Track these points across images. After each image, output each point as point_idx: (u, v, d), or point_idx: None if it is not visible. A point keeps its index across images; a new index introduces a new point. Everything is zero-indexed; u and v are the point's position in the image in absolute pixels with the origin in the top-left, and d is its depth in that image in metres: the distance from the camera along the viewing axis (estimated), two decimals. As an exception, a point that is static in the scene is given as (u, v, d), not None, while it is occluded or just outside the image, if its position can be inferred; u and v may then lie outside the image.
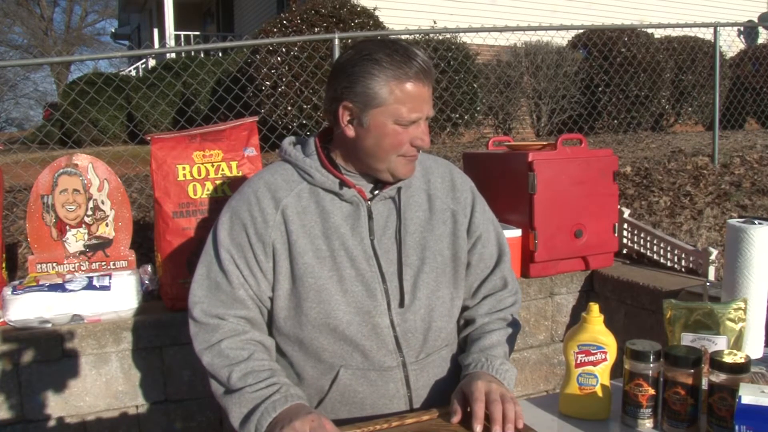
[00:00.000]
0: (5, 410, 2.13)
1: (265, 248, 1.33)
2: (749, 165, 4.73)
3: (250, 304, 1.35)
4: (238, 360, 1.28)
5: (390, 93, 1.26)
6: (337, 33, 3.60)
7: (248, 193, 1.36)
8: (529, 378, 2.86)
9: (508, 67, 7.19)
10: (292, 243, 1.32)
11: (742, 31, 10.57)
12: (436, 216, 1.43)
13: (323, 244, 1.32)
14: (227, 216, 1.37)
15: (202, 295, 1.34)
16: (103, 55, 16.73)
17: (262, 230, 1.33)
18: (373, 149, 1.31)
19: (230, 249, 1.33)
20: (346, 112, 1.31)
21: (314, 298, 1.31)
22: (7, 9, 22.38)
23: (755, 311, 1.40)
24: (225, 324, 1.32)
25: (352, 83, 1.28)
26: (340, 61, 1.34)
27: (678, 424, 1.13)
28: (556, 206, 2.66)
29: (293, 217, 1.33)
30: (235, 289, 1.32)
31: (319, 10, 6.57)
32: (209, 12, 16.36)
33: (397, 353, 1.34)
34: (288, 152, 1.40)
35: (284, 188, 1.35)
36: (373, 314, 1.32)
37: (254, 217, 1.33)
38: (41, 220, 2.46)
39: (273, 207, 1.33)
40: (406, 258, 1.36)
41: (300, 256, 1.31)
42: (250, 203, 1.35)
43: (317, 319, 1.31)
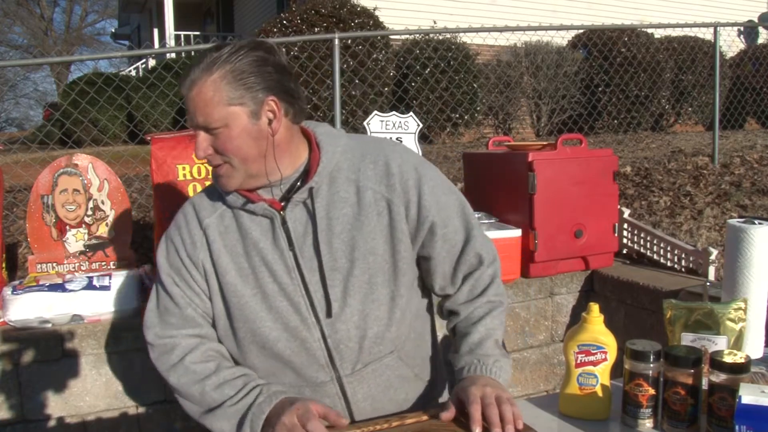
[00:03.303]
0: (5, 410, 2.13)
1: (197, 268, 1.32)
2: (749, 165, 4.73)
3: (202, 321, 1.34)
4: (206, 374, 1.27)
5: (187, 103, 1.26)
6: (337, 33, 3.60)
7: (179, 217, 1.38)
8: (529, 378, 2.86)
9: (508, 67, 7.19)
10: (215, 262, 1.31)
11: (742, 31, 10.57)
12: (366, 209, 1.28)
13: (245, 262, 1.30)
14: (162, 242, 1.38)
15: (154, 320, 1.35)
16: (103, 55, 16.72)
17: (191, 251, 1.33)
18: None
19: (170, 272, 1.34)
20: None
21: (239, 316, 1.29)
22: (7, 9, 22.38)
23: (755, 311, 1.40)
24: (180, 341, 1.31)
25: None
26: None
27: (678, 424, 1.13)
28: (556, 206, 2.66)
29: (215, 237, 1.32)
30: (182, 309, 1.32)
31: (319, 10, 6.57)
32: (209, 12, 16.36)
33: (330, 367, 1.28)
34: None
35: (209, 209, 1.34)
36: (300, 329, 1.26)
37: (184, 239, 1.34)
38: (41, 220, 2.46)
39: (198, 228, 1.33)
40: (332, 263, 1.26)
41: (223, 276, 1.30)
42: (180, 226, 1.36)
43: (245, 338, 1.30)
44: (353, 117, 5.84)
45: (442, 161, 5.43)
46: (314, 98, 5.61)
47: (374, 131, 2.89)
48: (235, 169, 1.25)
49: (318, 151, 1.30)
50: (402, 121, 2.93)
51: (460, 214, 1.36)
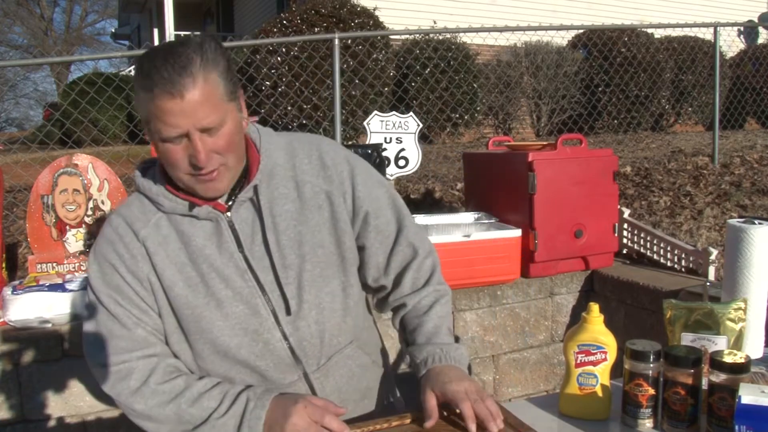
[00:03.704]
0: (5, 410, 2.13)
1: (142, 283, 1.23)
2: (749, 165, 4.73)
3: (154, 340, 1.24)
4: (177, 391, 1.19)
5: (147, 109, 1.13)
6: (337, 33, 3.60)
7: (108, 232, 1.25)
8: (529, 378, 2.86)
9: (508, 67, 7.19)
10: (160, 276, 1.22)
11: (742, 31, 10.56)
12: (308, 203, 1.28)
13: (192, 270, 1.22)
14: (94, 262, 1.25)
15: (99, 347, 1.22)
16: (103, 55, 16.72)
17: (132, 266, 1.22)
18: (165, 167, 1.21)
19: (109, 293, 1.22)
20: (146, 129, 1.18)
21: (195, 329, 1.23)
22: (7, 9, 22.36)
23: (755, 311, 1.40)
24: (136, 365, 1.20)
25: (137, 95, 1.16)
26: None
27: (678, 424, 1.13)
28: (556, 206, 2.66)
29: (155, 249, 1.23)
30: (131, 329, 1.21)
31: (319, 10, 6.57)
32: (209, 12, 16.36)
33: (295, 366, 1.27)
34: (138, 183, 1.27)
35: (141, 219, 1.24)
36: (261, 331, 1.23)
37: (121, 254, 1.23)
38: (41, 220, 2.46)
39: (135, 240, 1.23)
40: (282, 260, 1.25)
41: (171, 289, 1.22)
42: (112, 241, 1.24)
43: (204, 349, 1.24)
44: (353, 117, 5.84)
45: (442, 161, 5.43)
46: (314, 98, 5.61)
47: (374, 131, 2.89)
48: (228, 170, 1.20)
49: (255, 149, 1.28)
50: (402, 121, 2.93)
51: (391, 206, 1.37)
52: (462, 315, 2.70)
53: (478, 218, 2.72)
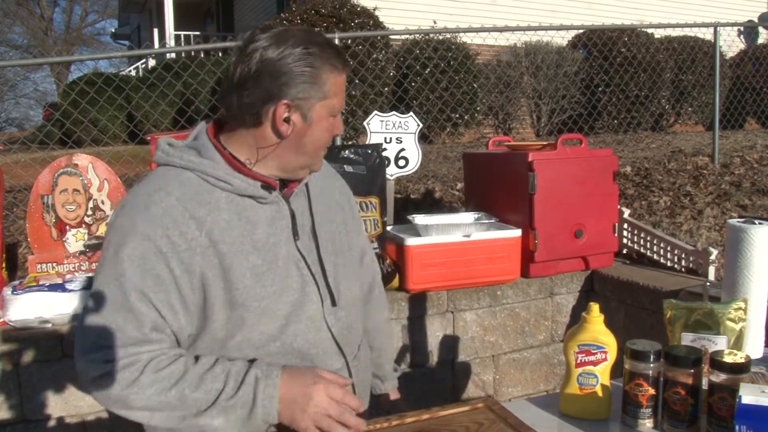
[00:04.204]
0: (5, 410, 2.13)
1: (192, 279, 1.13)
2: (749, 165, 4.73)
3: (167, 341, 1.15)
4: (178, 375, 1.10)
5: (330, 86, 1.19)
6: (337, 33, 3.60)
7: (156, 212, 1.12)
8: (529, 378, 2.86)
9: (508, 67, 7.19)
10: (226, 267, 1.14)
11: (742, 31, 10.57)
12: (331, 204, 1.37)
13: (257, 259, 1.17)
14: (134, 243, 1.11)
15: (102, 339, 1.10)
16: (103, 55, 16.72)
17: (187, 258, 1.12)
18: (312, 145, 1.22)
19: (141, 284, 1.10)
20: (284, 111, 1.17)
21: (257, 321, 1.17)
22: (7, 9, 22.37)
23: (755, 311, 1.40)
24: (140, 357, 1.10)
25: (293, 79, 1.15)
26: (268, 57, 1.15)
27: (678, 424, 1.13)
28: (556, 206, 2.66)
29: (221, 236, 1.15)
30: (144, 334, 1.11)
31: (319, 10, 6.58)
32: (209, 12, 16.36)
33: (338, 354, 1.29)
34: (183, 157, 1.19)
35: (201, 203, 1.15)
36: (315, 319, 1.24)
37: (175, 243, 1.11)
38: (41, 220, 2.46)
39: (195, 228, 1.13)
40: (326, 253, 1.29)
41: (239, 281, 1.15)
42: (166, 226, 1.12)
43: (260, 339, 1.19)
44: (353, 117, 5.84)
45: (442, 161, 5.43)
46: (314, 98, 5.60)
47: (374, 131, 2.89)
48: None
49: None
50: (402, 121, 2.93)
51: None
52: (462, 315, 2.70)
53: (478, 218, 2.72)
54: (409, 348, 2.62)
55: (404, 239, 2.51)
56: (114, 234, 1.14)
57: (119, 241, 1.12)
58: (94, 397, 1.12)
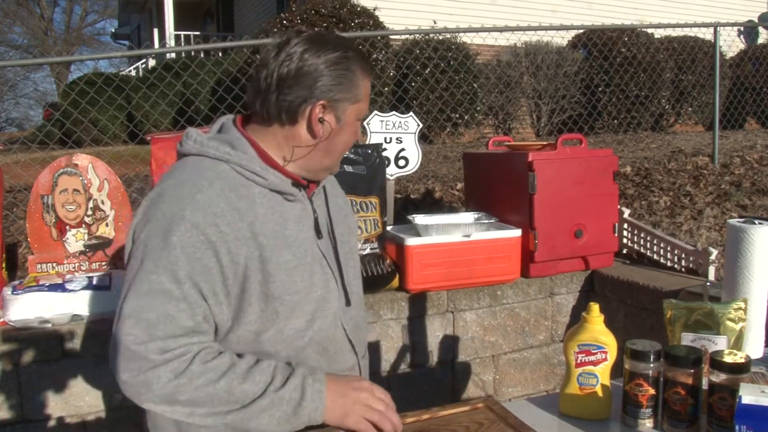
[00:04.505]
0: (5, 410, 2.13)
1: (236, 270, 1.14)
2: (749, 165, 4.73)
3: (212, 333, 1.16)
4: (225, 368, 1.10)
5: (363, 90, 1.25)
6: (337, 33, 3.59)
7: (205, 201, 1.12)
8: (529, 378, 2.86)
9: (508, 67, 7.19)
10: (265, 259, 1.16)
11: (742, 31, 10.56)
12: (338, 207, 1.41)
13: (289, 254, 1.20)
14: (183, 229, 1.09)
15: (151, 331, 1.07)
16: (103, 55, 16.72)
17: (235, 248, 1.13)
18: (341, 146, 1.27)
19: (193, 274, 1.09)
20: (319, 110, 1.20)
21: (289, 315, 1.19)
22: (7, 9, 22.36)
23: (755, 311, 1.40)
24: (189, 349, 1.09)
25: (332, 80, 1.19)
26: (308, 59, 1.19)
27: (678, 424, 1.13)
28: (556, 206, 2.66)
29: (260, 229, 1.16)
30: (195, 319, 1.11)
31: (319, 10, 6.58)
32: (209, 12, 16.35)
33: (352, 352, 1.33)
34: (219, 149, 1.19)
35: (240, 195, 1.16)
36: (336, 316, 1.28)
37: (224, 232, 1.12)
38: (41, 220, 2.46)
39: (238, 219, 1.14)
40: (342, 255, 1.34)
41: (276, 273, 1.17)
42: (215, 214, 1.11)
43: (290, 335, 1.21)
44: (353, 117, 5.83)
45: (442, 161, 5.43)
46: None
47: (374, 131, 2.89)
48: None
49: None
50: (402, 121, 2.93)
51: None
52: (462, 315, 2.70)
53: (478, 218, 2.72)
54: (409, 348, 2.62)
55: (404, 239, 2.51)
56: (157, 222, 1.11)
57: (166, 229, 1.09)
58: (132, 392, 1.08)
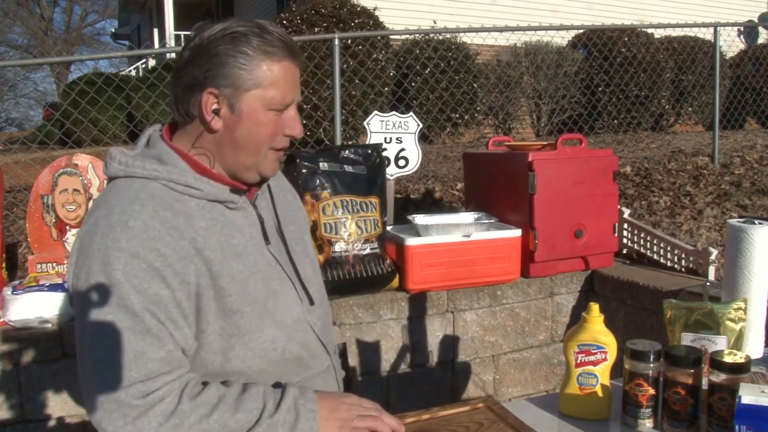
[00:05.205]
0: (5, 410, 2.13)
1: (189, 290, 1.06)
2: (749, 165, 4.73)
3: (183, 361, 1.08)
4: (215, 400, 1.04)
5: (263, 74, 1.09)
6: (337, 33, 3.60)
7: (140, 227, 1.03)
8: (529, 378, 2.86)
9: (508, 67, 7.19)
10: (215, 274, 1.09)
11: (742, 31, 10.56)
12: (287, 203, 1.33)
13: (239, 264, 1.12)
14: (122, 262, 1.01)
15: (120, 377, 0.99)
16: (103, 55, 16.73)
17: (181, 269, 1.05)
18: (247, 141, 1.11)
19: (147, 304, 1.02)
20: (212, 100, 1.09)
21: (255, 327, 1.13)
22: (7, 9, 22.37)
23: (755, 311, 1.40)
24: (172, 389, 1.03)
25: (220, 65, 1.07)
26: (197, 43, 1.10)
27: (678, 424, 1.13)
28: (556, 206, 2.66)
29: (204, 243, 1.08)
30: (169, 350, 1.04)
31: (319, 10, 6.57)
32: (209, 12, 16.36)
33: (325, 353, 1.28)
34: (146, 167, 1.10)
35: (176, 212, 1.08)
36: (301, 321, 1.21)
37: (166, 255, 1.04)
38: (41, 220, 2.46)
39: (178, 237, 1.06)
40: (294, 253, 1.26)
41: (229, 286, 1.10)
42: (153, 238, 1.03)
43: (263, 348, 1.15)
44: (353, 117, 5.83)
45: (442, 161, 5.43)
46: (314, 98, 5.61)
47: (374, 131, 2.89)
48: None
49: None
50: (402, 121, 2.93)
51: None
52: (462, 315, 2.70)
53: (478, 218, 2.72)
54: (409, 348, 2.62)
55: (404, 239, 2.51)
56: (94, 258, 1.02)
57: (105, 264, 1.01)
58: None
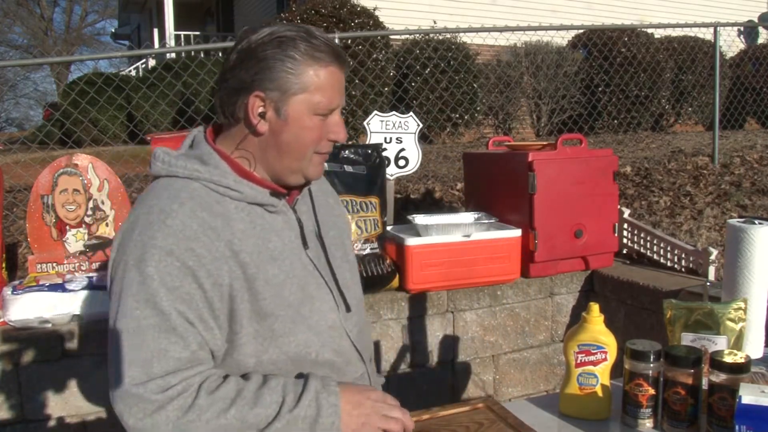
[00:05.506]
0: (5, 410, 2.13)
1: (221, 291, 1.08)
2: (749, 165, 4.73)
3: (210, 360, 1.10)
4: (233, 394, 1.04)
5: (310, 79, 1.09)
6: (337, 33, 3.60)
7: (177, 226, 1.05)
8: (529, 378, 2.86)
9: (508, 67, 7.19)
10: (250, 277, 1.10)
11: (742, 31, 10.56)
12: (328, 208, 1.34)
13: (274, 268, 1.13)
14: (157, 258, 1.03)
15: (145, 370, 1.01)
16: (103, 55, 16.72)
17: (215, 270, 1.07)
18: (292, 145, 1.12)
19: (174, 302, 1.03)
20: (258, 103, 1.10)
21: (290, 331, 1.13)
22: (7, 9, 22.36)
23: (755, 311, 1.40)
24: (191, 383, 1.04)
25: (268, 68, 1.08)
26: (244, 47, 1.10)
27: (678, 424, 1.13)
28: (556, 206, 2.65)
29: (240, 246, 1.10)
30: (193, 350, 1.05)
31: (319, 10, 6.57)
32: (209, 12, 16.36)
33: (360, 360, 1.27)
34: (188, 167, 1.12)
35: (214, 213, 1.09)
36: (336, 327, 1.22)
37: (200, 255, 1.05)
38: (41, 220, 2.46)
39: (215, 239, 1.07)
40: (333, 259, 1.26)
41: (263, 289, 1.11)
42: (189, 237, 1.05)
43: (296, 352, 1.15)
44: (353, 117, 5.84)
45: (442, 161, 5.43)
46: (314, 98, 5.61)
47: (374, 131, 2.89)
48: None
49: None
50: (402, 121, 2.93)
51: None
52: (462, 315, 2.70)
53: (478, 218, 2.72)
54: (409, 348, 2.62)
55: (404, 239, 2.51)
56: (131, 254, 1.05)
57: (139, 260, 1.04)
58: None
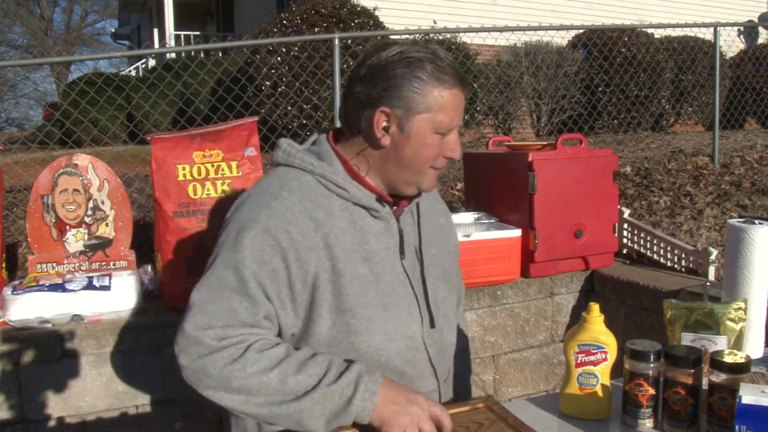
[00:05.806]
0: (5, 410, 2.13)
1: (305, 278, 1.15)
2: (749, 165, 4.73)
3: (274, 331, 1.18)
4: (280, 357, 1.11)
5: (434, 99, 1.17)
6: (337, 33, 3.59)
7: (279, 208, 1.16)
8: (529, 378, 2.86)
9: (508, 67, 7.19)
10: (338, 271, 1.16)
11: (742, 31, 10.56)
12: (437, 227, 1.38)
13: (365, 269, 1.19)
14: (254, 233, 1.14)
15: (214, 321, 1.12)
16: (103, 55, 16.73)
17: (304, 256, 1.15)
18: (412, 160, 1.20)
19: (259, 275, 1.13)
20: (383, 118, 1.18)
21: (365, 330, 1.18)
22: (7, 9, 22.36)
23: (755, 311, 1.40)
24: (246, 338, 1.12)
25: (395, 86, 1.16)
26: (374, 63, 1.19)
27: (678, 424, 1.13)
28: (556, 206, 2.65)
29: (335, 241, 1.17)
30: (257, 321, 1.14)
31: (319, 10, 6.57)
32: (209, 12, 16.35)
33: (433, 376, 1.30)
34: (305, 160, 1.22)
35: (319, 206, 1.18)
36: (415, 339, 1.25)
37: (294, 239, 1.14)
38: (41, 220, 2.46)
39: (313, 229, 1.16)
40: (428, 275, 1.30)
41: (349, 285, 1.17)
42: (288, 221, 1.15)
43: (367, 352, 1.19)
44: (353, 117, 5.83)
45: (442, 161, 5.42)
46: (314, 98, 5.61)
47: (374, 131, 2.89)
48: None
49: None
50: (402, 121, 2.92)
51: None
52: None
53: (478, 218, 2.72)
54: (409, 348, 2.62)
55: (404, 239, 2.51)
56: (235, 223, 1.17)
57: (240, 230, 1.15)
58: (192, 377, 1.13)
